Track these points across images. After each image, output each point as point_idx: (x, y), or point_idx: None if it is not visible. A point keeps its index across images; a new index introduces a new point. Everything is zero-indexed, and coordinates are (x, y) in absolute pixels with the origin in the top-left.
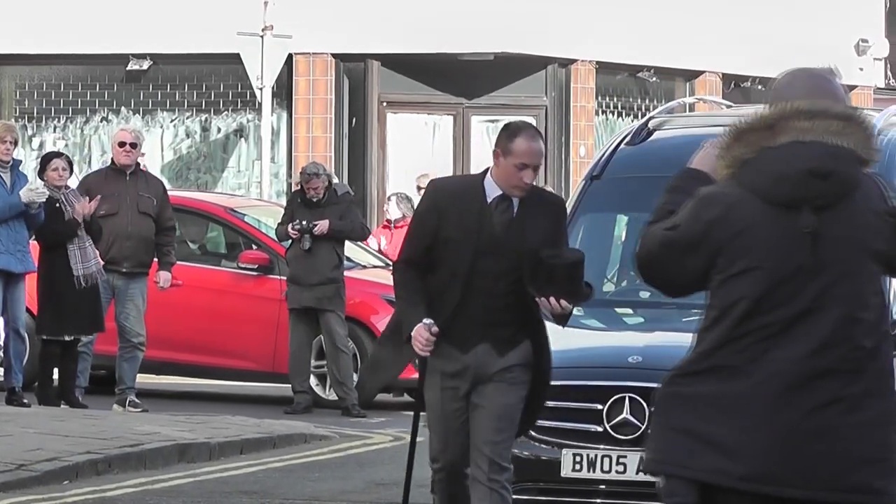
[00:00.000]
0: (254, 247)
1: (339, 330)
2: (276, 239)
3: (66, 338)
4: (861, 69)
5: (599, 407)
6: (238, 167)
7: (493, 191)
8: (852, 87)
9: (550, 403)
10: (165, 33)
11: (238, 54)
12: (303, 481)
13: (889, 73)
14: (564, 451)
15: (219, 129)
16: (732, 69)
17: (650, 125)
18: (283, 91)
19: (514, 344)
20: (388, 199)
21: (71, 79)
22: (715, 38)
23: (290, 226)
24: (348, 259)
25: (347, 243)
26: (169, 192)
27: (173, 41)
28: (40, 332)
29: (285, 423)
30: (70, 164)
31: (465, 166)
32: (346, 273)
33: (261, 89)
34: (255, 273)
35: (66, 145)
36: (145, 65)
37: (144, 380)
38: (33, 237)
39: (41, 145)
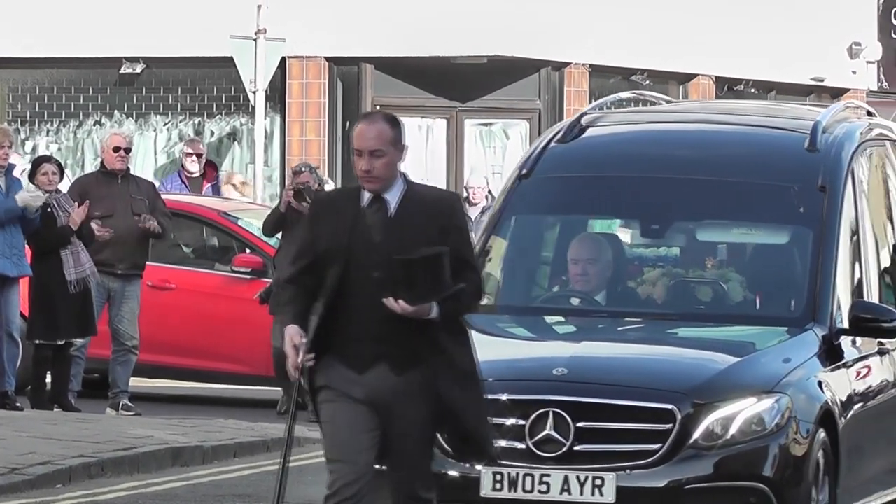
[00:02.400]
0: (247, 250)
1: None
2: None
3: (59, 342)
4: (854, 72)
5: (522, 422)
6: (231, 171)
7: (368, 193)
8: (845, 91)
9: None
10: (158, 37)
11: (231, 58)
12: (297, 484)
13: (882, 76)
14: (484, 469)
15: (212, 133)
16: (726, 72)
17: (583, 122)
18: (277, 94)
19: (414, 361)
20: None
21: (64, 82)
22: (708, 42)
23: (285, 191)
24: None
25: None
26: (163, 197)
27: (166, 45)
28: (32, 337)
29: (279, 427)
30: (60, 168)
31: (458, 169)
32: None
33: (254, 93)
34: (248, 276)
35: (60, 149)
36: (138, 68)
37: (138, 383)
38: (27, 242)
39: (34, 149)
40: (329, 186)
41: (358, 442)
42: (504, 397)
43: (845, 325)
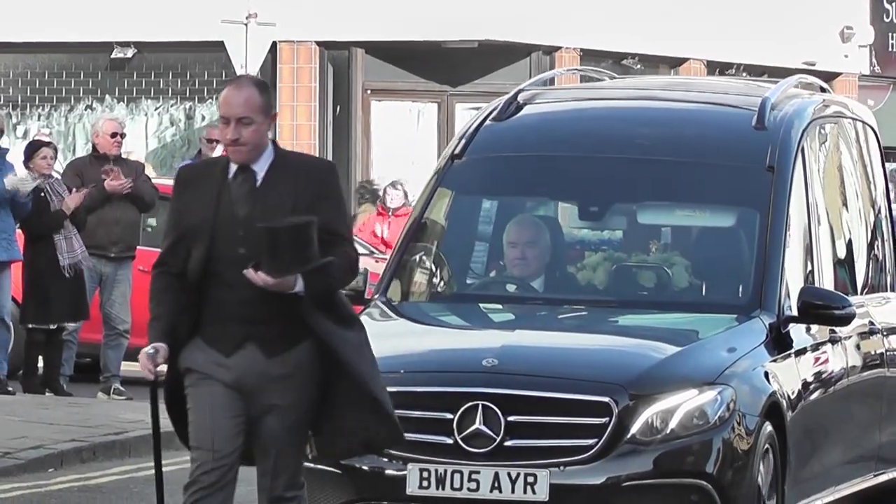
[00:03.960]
0: None
1: None
2: None
3: (51, 326)
4: (846, 56)
5: (449, 416)
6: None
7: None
8: (837, 75)
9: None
10: (149, 21)
11: (222, 42)
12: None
13: (874, 60)
14: (410, 465)
15: (203, 117)
16: (717, 56)
17: (520, 99)
18: (267, 79)
19: (287, 343)
20: (395, 186)
21: (55, 67)
22: (699, 25)
23: None
24: None
25: None
26: (153, 181)
27: (157, 29)
28: (25, 321)
29: None
30: (56, 152)
31: None
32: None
33: None
34: None
35: (51, 133)
36: (129, 53)
37: (129, 367)
38: (19, 226)
39: (25, 133)
40: None
41: (221, 428)
42: (430, 389)
43: (794, 312)
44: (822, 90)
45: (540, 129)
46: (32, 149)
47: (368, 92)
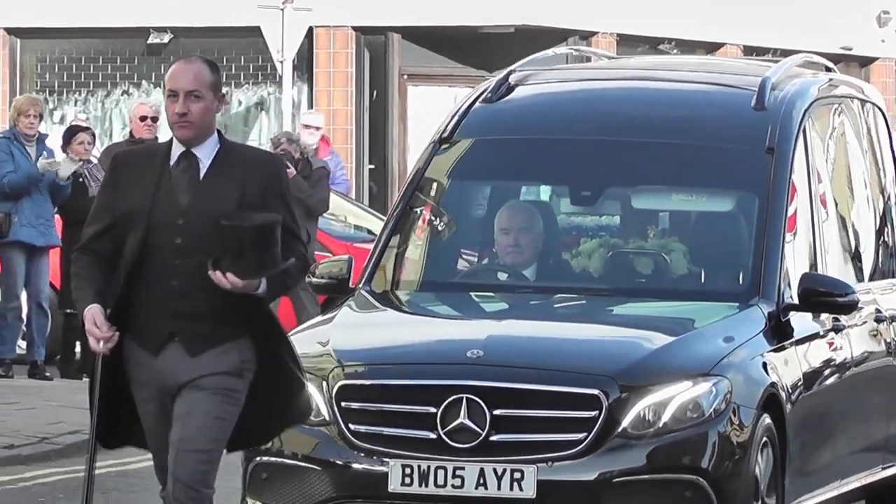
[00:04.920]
0: None
1: (310, 309)
2: None
3: None
4: (882, 41)
5: (432, 410)
6: (259, 140)
7: (179, 149)
8: (873, 59)
9: (375, 406)
10: (186, 6)
11: (258, 27)
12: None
13: None
14: (392, 461)
15: (239, 103)
16: (753, 41)
17: (511, 80)
18: (304, 64)
19: (214, 342)
20: None
21: (92, 52)
22: (736, 10)
23: None
24: (368, 231)
25: (369, 216)
26: None
27: (194, 14)
28: (63, 306)
29: None
30: (94, 137)
31: None
32: (364, 245)
33: (281, 62)
34: None
35: (87, 119)
36: (166, 38)
37: None
38: (57, 211)
39: (62, 119)
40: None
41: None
42: (412, 382)
43: (795, 299)
44: (828, 70)
45: (532, 110)
46: (71, 134)
47: (405, 77)
